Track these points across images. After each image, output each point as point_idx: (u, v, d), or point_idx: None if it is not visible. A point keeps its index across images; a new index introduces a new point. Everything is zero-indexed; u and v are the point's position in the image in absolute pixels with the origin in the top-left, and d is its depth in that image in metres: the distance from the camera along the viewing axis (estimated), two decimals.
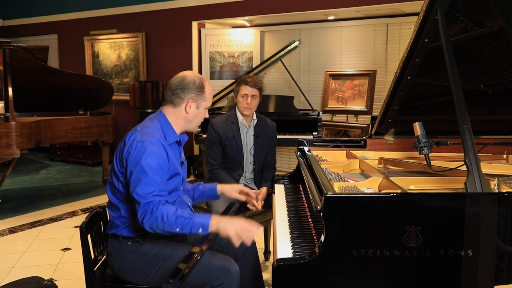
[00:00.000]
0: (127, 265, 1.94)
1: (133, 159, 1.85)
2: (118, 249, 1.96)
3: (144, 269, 1.92)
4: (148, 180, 1.81)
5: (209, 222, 1.76)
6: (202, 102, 2.00)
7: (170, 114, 2.01)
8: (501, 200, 1.46)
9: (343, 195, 1.61)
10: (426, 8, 1.98)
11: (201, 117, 2.04)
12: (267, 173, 3.16)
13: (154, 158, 1.84)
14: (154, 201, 1.79)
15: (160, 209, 1.77)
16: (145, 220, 1.77)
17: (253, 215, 3.12)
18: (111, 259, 2.00)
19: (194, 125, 2.05)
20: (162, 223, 1.76)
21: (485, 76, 2.30)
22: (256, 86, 2.99)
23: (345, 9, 5.19)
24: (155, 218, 1.76)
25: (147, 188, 1.80)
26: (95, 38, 7.31)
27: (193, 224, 1.76)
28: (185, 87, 1.96)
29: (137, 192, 1.80)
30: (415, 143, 1.86)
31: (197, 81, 1.97)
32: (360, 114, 5.47)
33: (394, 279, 1.45)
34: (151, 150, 1.84)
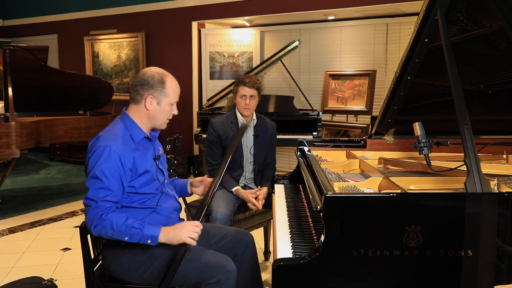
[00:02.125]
0: (123, 266, 1.94)
1: (89, 164, 1.84)
2: (113, 251, 1.96)
3: (140, 268, 1.92)
4: (99, 185, 1.79)
5: (158, 235, 1.77)
6: (163, 98, 1.92)
7: (133, 112, 1.96)
8: (501, 200, 1.46)
9: (343, 195, 1.61)
10: (426, 8, 1.97)
11: (165, 113, 1.97)
12: (267, 173, 3.16)
13: (108, 163, 1.81)
14: (103, 206, 1.77)
15: (109, 216, 1.76)
16: (93, 225, 1.76)
17: (253, 215, 3.12)
18: (107, 262, 1.99)
19: (159, 122, 1.98)
20: (111, 230, 1.75)
21: (485, 76, 2.30)
22: (254, 86, 2.99)
23: (345, 9, 5.19)
24: (104, 225, 1.75)
25: (97, 192, 1.78)
26: (95, 38, 7.31)
27: (142, 235, 1.75)
28: (144, 83, 1.91)
29: (87, 196, 1.80)
30: (415, 143, 1.86)
31: (156, 76, 1.91)
32: (360, 114, 5.47)
33: (394, 279, 1.45)
34: (106, 155, 1.81)
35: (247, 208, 3.06)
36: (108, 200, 1.79)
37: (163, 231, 1.78)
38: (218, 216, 2.80)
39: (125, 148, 1.87)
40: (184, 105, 6.50)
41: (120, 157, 1.84)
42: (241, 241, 2.14)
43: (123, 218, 1.77)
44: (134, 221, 1.77)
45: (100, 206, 1.77)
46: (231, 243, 2.12)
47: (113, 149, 1.82)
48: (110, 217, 1.75)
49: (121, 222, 1.75)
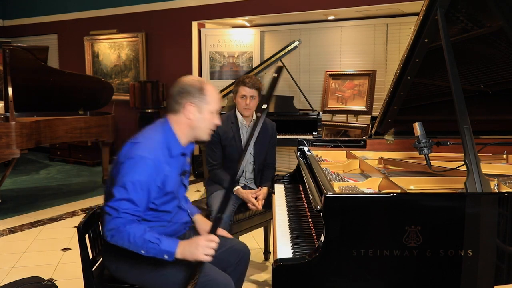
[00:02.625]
0: (124, 266, 1.92)
1: (121, 171, 1.77)
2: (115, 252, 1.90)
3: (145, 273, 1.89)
4: (126, 196, 1.74)
5: (174, 251, 1.71)
6: (204, 105, 1.85)
7: (174, 122, 1.88)
8: (501, 200, 1.46)
9: (343, 195, 1.61)
10: (426, 8, 1.97)
11: (207, 122, 1.89)
12: (267, 173, 3.16)
13: (141, 176, 1.75)
14: (124, 218, 1.73)
15: (127, 228, 1.72)
16: (111, 235, 1.74)
17: (253, 215, 3.12)
18: (107, 261, 1.98)
19: (201, 132, 1.90)
20: (128, 242, 1.72)
21: (485, 76, 2.30)
22: (254, 86, 2.99)
23: (345, 9, 5.19)
24: (121, 237, 1.72)
25: (122, 204, 1.74)
26: (95, 38, 7.31)
27: (159, 250, 1.71)
28: (183, 91, 1.85)
29: (110, 204, 1.75)
30: (415, 143, 1.86)
31: (196, 84, 1.86)
32: (360, 114, 5.47)
33: (394, 279, 1.45)
34: (142, 168, 1.75)
35: (247, 208, 3.06)
36: (130, 213, 1.74)
37: (180, 246, 1.72)
38: None
39: (160, 162, 1.81)
40: None
41: (154, 173, 1.78)
42: (238, 252, 2.08)
43: (140, 231, 1.72)
44: (151, 235, 1.72)
45: (121, 218, 1.73)
46: (228, 253, 2.05)
47: (149, 162, 1.76)
48: (128, 229, 1.72)
49: (138, 235, 1.71)
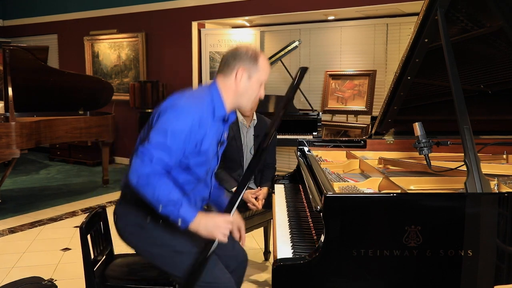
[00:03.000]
0: (138, 232, 1.86)
1: (162, 118, 1.71)
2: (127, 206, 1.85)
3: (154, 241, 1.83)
4: (163, 141, 1.67)
5: (191, 220, 1.66)
6: (254, 73, 1.81)
7: (222, 85, 1.83)
8: (501, 200, 1.46)
9: (343, 195, 1.61)
10: (426, 8, 1.98)
11: (253, 91, 1.84)
12: (267, 173, 3.16)
13: (183, 125, 1.69)
14: (156, 168, 1.65)
15: (157, 181, 1.64)
16: (137, 181, 1.65)
17: (253, 215, 3.12)
18: (117, 215, 1.92)
19: (245, 101, 1.85)
20: (151, 195, 1.64)
21: (485, 76, 2.30)
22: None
23: (345, 9, 5.19)
24: (148, 187, 1.64)
25: (157, 148, 1.66)
26: (95, 38, 7.31)
27: (177, 213, 1.65)
28: (237, 55, 1.81)
29: (147, 147, 1.66)
30: (415, 143, 1.86)
31: (250, 52, 1.83)
32: (360, 114, 5.47)
33: (394, 279, 1.45)
34: (185, 116, 1.70)
35: (247, 208, 3.06)
36: (164, 162, 1.67)
37: (197, 218, 1.66)
38: None
39: (204, 118, 1.76)
40: None
41: (197, 126, 1.73)
42: (237, 258, 2.06)
43: (168, 188, 1.65)
44: (176, 195, 1.66)
45: (153, 166, 1.65)
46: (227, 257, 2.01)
47: (194, 115, 1.72)
48: (156, 183, 1.64)
49: (165, 193, 1.64)
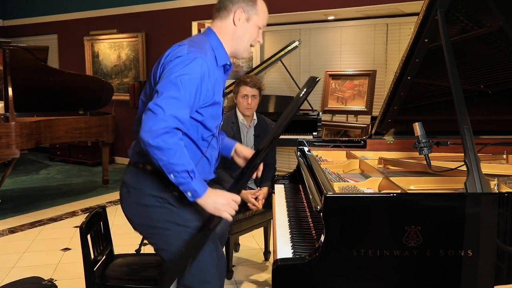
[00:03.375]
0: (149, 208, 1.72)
1: (168, 70, 1.57)
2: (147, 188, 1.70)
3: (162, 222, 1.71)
4: (175, 94, 1.52)
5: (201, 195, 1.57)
6: (253, 15, 1.74)
7: (218, 29, 1.74)
8: (501, 200, 1.46)
9: (343, 195, 1.61)
10: (426, 8, 1.98)
11: (251, 35, 1.76)
12: (267, 173, 3.16)
13: (192, 74, 1.56)
14: (171, 124, 1.50)
15: (174, 143, 1.49)
16: (152, 138, 1.48)
17: (253, 215, 3.12)
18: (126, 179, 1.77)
19: (242, 46, 1.78)
20: (166, 158, 1.49)
21: (485, 76, 2.30)
22: (255, 86, 3.00)
23: (345, 9, 5.19)
24: (164, 147, 1.48)
25: (170, 102, 1.51)
26: (95, 38, 7.31)
27: (188, 184, 1.54)
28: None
29: (157, 102, 1.51)
30: (415, 143, 1.86)
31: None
32: (360, 114, 5.47)
33: (394, 279, 1.45)
34: (193, 65, 1.57)
35: (247, 208, 3.06)
36: (177, 117, 1.51)
37: (207, 193, 1.58)
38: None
39: (212, 64, 1.66)
40: None
41: (207, 73, 1.62)
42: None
43: (183, 154, 1.52)
44: (191, 166, 1.53)
45: (168, 121, 1.50)
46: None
47: (201, 62, 1.60)
48: (172, 145, 1.49)
49: (179, 159, 1.51)
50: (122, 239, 3.58)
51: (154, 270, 2.16)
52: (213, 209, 1.61)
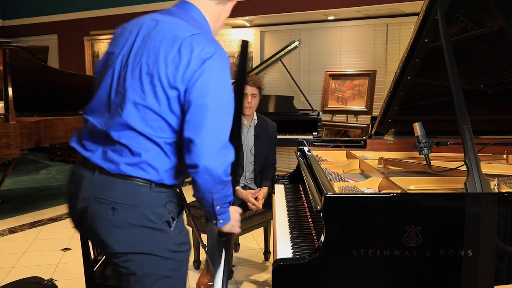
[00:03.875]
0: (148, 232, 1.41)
1: (203, 82, 1.30)
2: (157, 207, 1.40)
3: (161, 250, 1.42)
4: (228, 118, 1.35)
5: (230, 219, 1.49)
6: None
7: (199, 3, 1.49)
8: (501, 200, 1.46)
9: (343, 195, 1.61)
10: (426, 8, 1.97)
11: (226, 15, 1.62)
12: (268, 173, 3.16)
13: (230, 86, 1.35)
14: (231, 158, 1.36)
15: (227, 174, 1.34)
16: (225, 173, 1.35)
17: (253, 215, 3.12)
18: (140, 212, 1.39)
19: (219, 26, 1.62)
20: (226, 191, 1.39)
21: (485, 76, 2.30)
22: (255, 84, 3.00)
23: (345, 9, 5.19)
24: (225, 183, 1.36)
25: (219, 133, 1.32)
26: (95, 38, 7.31)
27: (226, 214, 1.46)
28: None
29: (204, 137, 1.29)
30: (415, 143, 1.86)
31: None
32: (360, 114, 5.47)
33: (394, 279, 1.45)
34: (227, 66, 1.37)
35: (247, 208, 3.06)
36: (226, 147, 1.36)
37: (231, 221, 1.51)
38: None
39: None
40: None
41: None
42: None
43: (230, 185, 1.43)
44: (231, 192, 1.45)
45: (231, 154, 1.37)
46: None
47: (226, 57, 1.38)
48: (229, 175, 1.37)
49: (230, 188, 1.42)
50: None
51: None
52: (230, 228, 1.54)
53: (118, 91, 1.39)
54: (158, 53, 1.33)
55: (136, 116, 1.35)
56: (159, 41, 1.35)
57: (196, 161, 1.30)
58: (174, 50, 1.32)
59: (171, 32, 1.36)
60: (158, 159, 1.38)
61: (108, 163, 1.39)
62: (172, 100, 1.33)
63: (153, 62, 1.33)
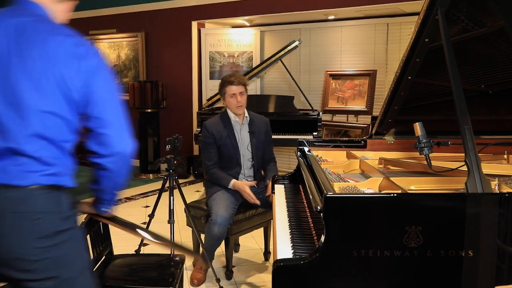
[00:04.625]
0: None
1: (92, 78, 1.42)
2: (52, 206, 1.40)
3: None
4: (119, 106, 1.47)
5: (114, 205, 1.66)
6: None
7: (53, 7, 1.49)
8: (501, 200, 1.46)
9: (343, 195, 1.61)
10: (426, 7, 1.97)
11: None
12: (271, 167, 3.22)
13: (110, 72, 1.51)
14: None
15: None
16: (117, 167, 1.47)
17: (253, 215, 3.11)
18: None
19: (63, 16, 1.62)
20: (125, 176, 1.54)
21: (485, 76, 2.29)
22: (241, 83, 3.05)
23: (345, 8, 5.19)
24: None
25: (122, 118, 1.46)
26: (94, 38, 7.30)
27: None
28: None
29: (113, 125, 1.42)
30: (416, 144, 1.85)
31: None
32: (360, 114, 5.46)
33: (395, 279, 1.45)
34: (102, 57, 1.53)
35: (247, 209, 3.06)
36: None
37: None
38: (217, 220, 2.80)
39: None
40: (183, 105, 6.50)
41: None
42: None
43: None
44: None
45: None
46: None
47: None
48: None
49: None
50: (122, 240, 3.56)
51: (154, 271, 2.15)
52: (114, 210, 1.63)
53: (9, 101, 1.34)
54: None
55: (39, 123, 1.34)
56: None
57: (113, 150, 1.40)
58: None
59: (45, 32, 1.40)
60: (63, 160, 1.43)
61: (27, 177, 1.36)
62: (68, 101, 1.37)
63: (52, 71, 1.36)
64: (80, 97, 1.38)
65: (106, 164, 1.43)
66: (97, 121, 1.39)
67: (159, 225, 3.52)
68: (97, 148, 1.41)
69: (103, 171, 1.46)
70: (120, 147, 1.42)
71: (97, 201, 1.59)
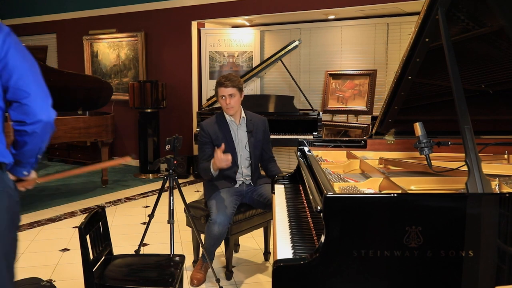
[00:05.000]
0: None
1: (10, 57, 1.61)
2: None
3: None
4: (39, 77, 1.70)
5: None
6: None
7: None
8: (502, 200, 1.45)
9: (343, 195, 1.60)
10: (426, 7, 1.97)
11: None
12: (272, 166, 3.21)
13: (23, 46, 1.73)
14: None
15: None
16: (42, 131, 1.64)
17: (253, 215, 3.11)
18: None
19: None
20: (46, 140, 1.70)
21: (486, 76, 2.29)
22: (231, 85, 3.00)
23: (345, 8, 5.18)
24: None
25: (43, 86, 1.68)
26: (94, 38, 7.30)
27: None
28: None
29: (33, 95, 1.62)
30: (416, 144, 1.85)
31: None
32: (361, 114, 5.46)
33: (395, 279, 1.45)
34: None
35: (247, 209, 3.06)
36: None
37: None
38: (217, 219, 2.80)
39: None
40: (183, 105, 6.50)
41: None
42: None
43: None
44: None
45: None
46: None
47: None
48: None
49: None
50: (121, 240, 3.57)
51: (153, 271, 2.15)
52: (33, 176, 1.74)
53: None
54: None
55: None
56: None
57: (37, 118, 1.59)
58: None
59: None
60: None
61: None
62: None
63: None
64: (1, 70, 1.55)
65: (31, 130, 1.61)
66: (20, 92, 1.57)
67: (159, 225, 3.52)
68: (22, 117, 1.60)
69: (28, 136, 1.63)
70: (44, 115, 1.59)
71: (18, 164, 1.70)
